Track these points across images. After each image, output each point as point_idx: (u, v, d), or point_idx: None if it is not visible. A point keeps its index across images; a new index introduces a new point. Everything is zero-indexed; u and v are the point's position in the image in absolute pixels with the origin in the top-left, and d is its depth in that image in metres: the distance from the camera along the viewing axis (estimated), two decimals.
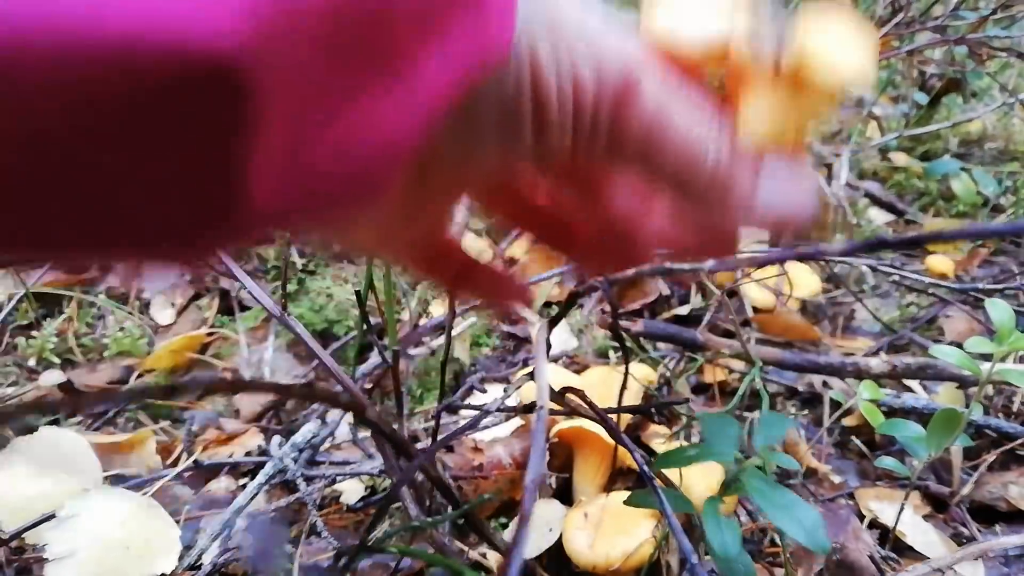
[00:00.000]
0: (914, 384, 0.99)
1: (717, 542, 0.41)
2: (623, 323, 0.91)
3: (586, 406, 0.43)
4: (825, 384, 0.98)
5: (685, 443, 0.83)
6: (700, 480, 0.65)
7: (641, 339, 0.98)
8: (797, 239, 1.00)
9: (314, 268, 1.20)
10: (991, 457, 0.88)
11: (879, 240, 0.21)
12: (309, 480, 0.74)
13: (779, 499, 0.41)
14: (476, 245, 1.24)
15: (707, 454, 0.44)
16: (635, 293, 1.10)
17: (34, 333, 0.98)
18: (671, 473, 0.71)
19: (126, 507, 0.69)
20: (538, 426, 0.25)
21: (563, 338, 0.98)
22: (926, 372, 0.91)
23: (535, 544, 0.69)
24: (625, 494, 0.75)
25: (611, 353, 1.02)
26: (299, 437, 0.76)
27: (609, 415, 0.47)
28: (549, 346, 0.35)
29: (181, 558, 0.65)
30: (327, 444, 0.82)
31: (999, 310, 0.64)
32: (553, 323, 0.41)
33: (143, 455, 0.83)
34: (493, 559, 0.69)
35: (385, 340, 0.62)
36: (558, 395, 0.42)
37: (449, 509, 0.69)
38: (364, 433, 0.82)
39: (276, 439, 0.78)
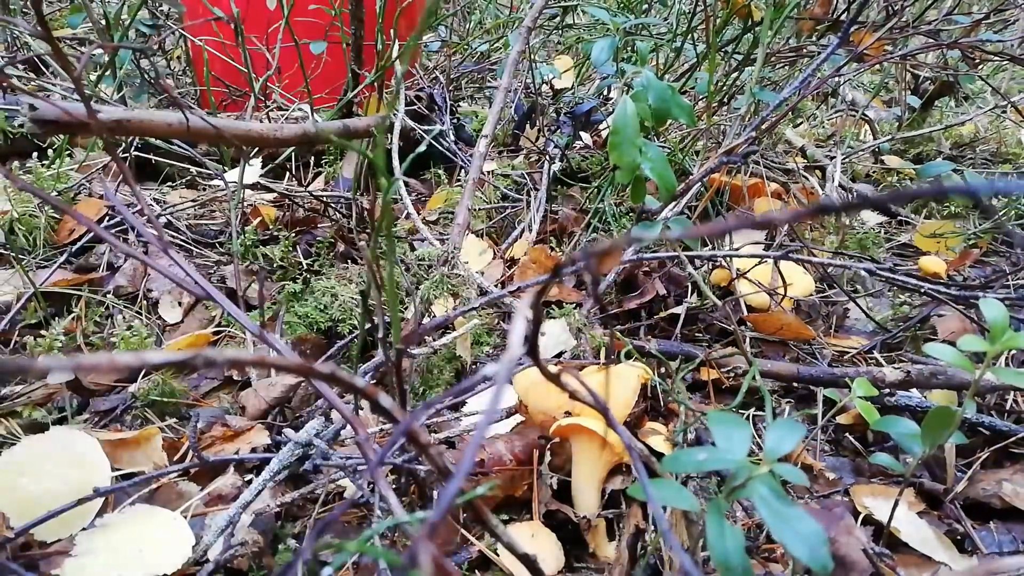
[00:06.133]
0: None
1: (719, 549, 0.40)
2: (637, 342, 0.93)
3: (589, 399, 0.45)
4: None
5: (682, 442, 0.84)
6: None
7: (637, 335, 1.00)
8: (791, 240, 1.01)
9: (319, 268, 1.22)
10: (985, 454, 0.89)
11: (862, 199, 0.22)
12: (318, 471, 0.75)
13: (784, 512, 0.40)
14: (477, 245, 1.25)
15: (718, 458, 0.43)
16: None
17: (42, 332, 1.00)
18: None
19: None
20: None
21: (562, 338, 1.00)
22: (938, 379, 0.93)
23: None
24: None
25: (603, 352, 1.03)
26: (303, 434, 0.78)
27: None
28: None
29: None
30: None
31: (993, 308, 0.65)
32: None
33: (150, 452, 0.85)
34: (504, 557, 0.70)
35: (389, 338, 0.63)
36: (556, 379, 0.43)
37: (435, 496, 0.70)
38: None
39: (300, 429, 0.79)
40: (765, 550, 0.77)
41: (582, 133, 1.51)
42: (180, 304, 1.14)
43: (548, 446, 0.81)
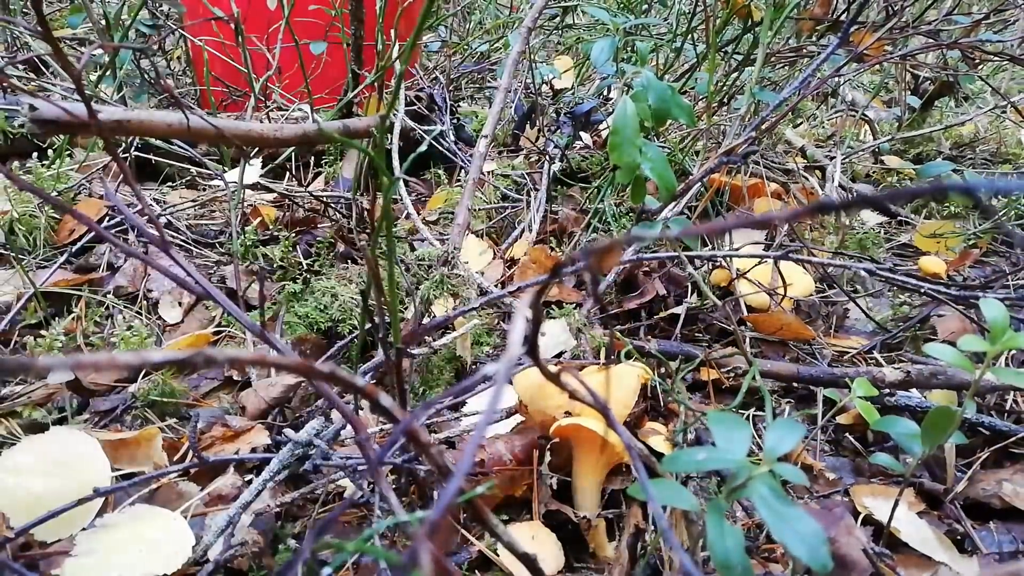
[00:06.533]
0: None
1: (719, 548, 0.40)
2: (637, 342, 0.93)
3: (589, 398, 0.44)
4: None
5: (683, 441, 0.84)
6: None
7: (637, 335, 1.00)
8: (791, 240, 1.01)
9: (319, 268, 1.22)
10: (985, 455, 0.89)
11: (861, 198, 0.22)
12: (318, 471, 0.75)
13: (784, 511, 0.40)
14: (477, 245, 1.25)
15: (717, 458, 0.43)
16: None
17: (42, 332, 1.00)
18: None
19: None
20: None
21: (562, 338, 1.00)
22: (938, 379, 0.93)
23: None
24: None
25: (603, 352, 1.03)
26: (303, 434, 0.78)
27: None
28: None
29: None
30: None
31: (993, 308, 0.65)
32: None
33: (150, 452, 0.85)
34: (504, 556, 0.70)
35: (389, 338, 0.63)
36: (555, 378, 0.43)
37: (435, 496, 0.70)
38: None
39: (300, 429, 0.79)
40: (765, 550, 0.77)
41: (582, 133, 1.51)
42: (180, 304, 1.14)
43: (548, 446, 0.81)
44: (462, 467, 0.23)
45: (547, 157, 1.38)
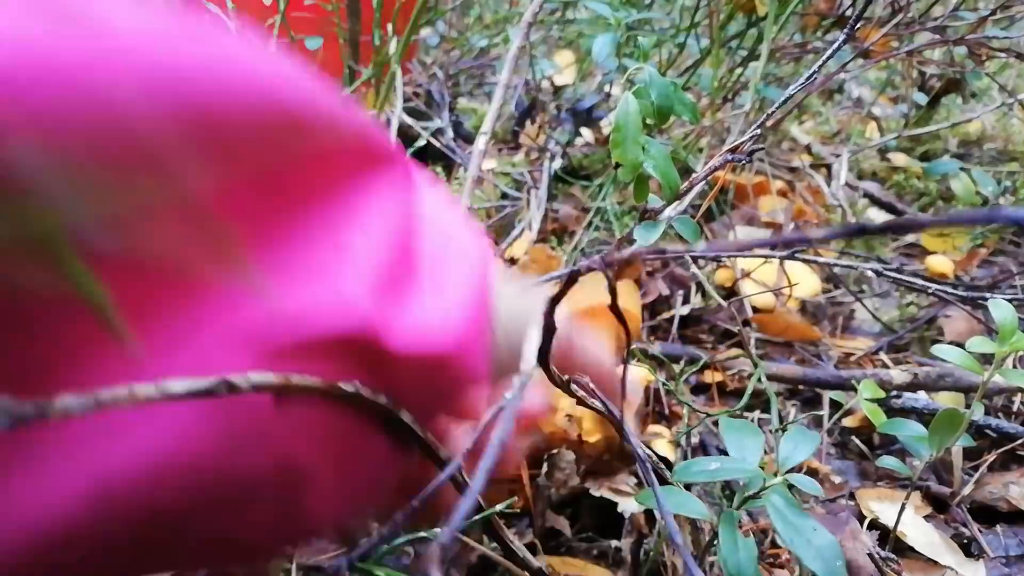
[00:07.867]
0: None
1: (732, 562, 0.39)
2: (640, 344, 0.91)
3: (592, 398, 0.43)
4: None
5: (684, 444, 0.83)
6: None
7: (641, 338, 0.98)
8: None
9: None
10: (992, 457, 0.88)
11: (859, 227, 0.20)
12: None
13: (799, 524, 0.39)
14: None
15: (731, 468, 0.43)
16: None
17: None
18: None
19: None
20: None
21: None
22: (946, 381, 0.92)
23: None
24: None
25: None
26: None
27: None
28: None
29: None
30: None
31: (1002, 309, 0.64)
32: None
33: None
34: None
35: None
36: (565, 386, 0.41)
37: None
38: None
39: None
40: (770, 555, 0.76)
41: (583, 130, 1.49)
42: None
43: (547, 457, 0.80)
44: (478, 483, 0.21)
45: (548, 154, 1.37)
